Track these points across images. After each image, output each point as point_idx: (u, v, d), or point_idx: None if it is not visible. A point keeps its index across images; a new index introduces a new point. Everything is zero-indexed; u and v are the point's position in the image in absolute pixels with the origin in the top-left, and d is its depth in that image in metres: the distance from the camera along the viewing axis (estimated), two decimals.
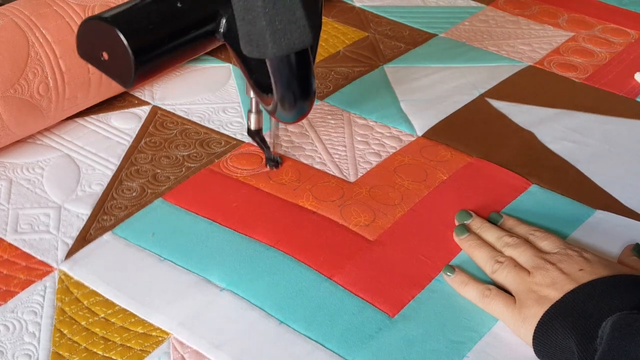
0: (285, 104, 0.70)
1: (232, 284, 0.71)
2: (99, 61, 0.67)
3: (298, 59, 0.67)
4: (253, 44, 0.64)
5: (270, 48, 0.63)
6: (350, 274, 0.72)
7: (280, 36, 0.63)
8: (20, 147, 0.87)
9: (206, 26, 0.70)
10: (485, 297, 0.69)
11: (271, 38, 0.63)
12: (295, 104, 0.70)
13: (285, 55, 0.65)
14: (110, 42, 0.65)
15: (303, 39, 0.64)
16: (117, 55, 0.65)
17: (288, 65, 0.67)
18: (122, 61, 0.65)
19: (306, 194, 0.81)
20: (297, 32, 0.63)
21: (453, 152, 0.88)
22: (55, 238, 0.76)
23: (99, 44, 0.66)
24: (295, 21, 0.62)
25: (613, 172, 0.86)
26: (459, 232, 0.75)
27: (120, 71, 0.66)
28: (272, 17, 0.62)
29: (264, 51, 0.64)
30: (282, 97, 0.69)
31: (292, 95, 0.69)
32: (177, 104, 0.95)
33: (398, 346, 0.66)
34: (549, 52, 1.08)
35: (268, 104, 0.73)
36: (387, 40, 1.10)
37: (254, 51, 0.64)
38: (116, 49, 0.65)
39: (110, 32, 0.64)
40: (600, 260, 0.69)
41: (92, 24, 0.66)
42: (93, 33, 0.66)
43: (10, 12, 0.84)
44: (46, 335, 0.67)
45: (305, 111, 0.72)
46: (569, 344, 0.62)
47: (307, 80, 0.69)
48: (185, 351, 0.66)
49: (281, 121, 0.75)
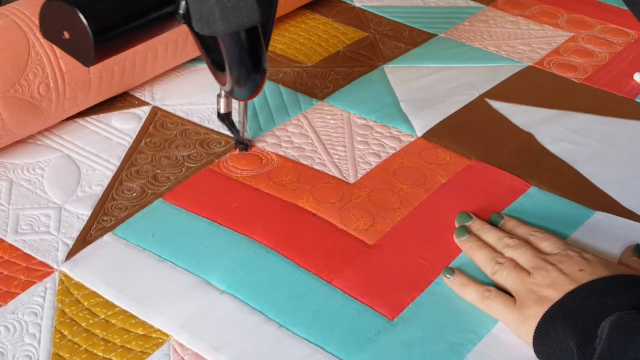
0: (235, 79, 0.73)
1: (232, 287, 0.71)
2: (61, 40, 0.69)
3: (248, 36, 0.69)
4: (203, 21, 0.67)
5: (219, 25, 0.66)
6: (350, 277, 0.72)
7: (229, 14, 0.66)
8: (20, 148, 0.87)
9: (165, 7, 0.71)
10: (485, 299, 0.69)
11: (220, 15, 0.66)
12: (247, 79, 0.73)
13: (236, 33, 0.68)
14: (70, 22, 0.67)
15: (251, 16, 0.67)
16: (77, 35, 0.67)
17: (239, 42, 0.69)
18: (82, 40, 0.67)
19: (306, 194, 0.81)
20: (246, 10, 0.66)
21: (452, 154, 0.88)
22: (55, 239, 0.76)
23: (61, 23, 0.68)
24: (244, 0, 0.66)
25: (612, 173, 0.86)
26: (459, 233, 0.76)
27: (81, 50, 0.68)
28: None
29: (213, 28, 0.67)
30: (235, 73, 0.72)
31: (245, 70, 0.72)
32: (177, 105, 0.95)
33: (398, 349, 0.66)
34: (549, 52, 1.08)
35: (224, 84, 0.75)
36: (387, 40, 1.10)
37: (204, 28, 0.67)
38: (76, 28, 0.67)
39: (71, 13, 0.66)
40: (600, 260, 0.69)
41: (54, 4, 0.68)
42: (55, 13, 0.68)
43: (10, 12, 0.84)
44: (46, 336, 0.67)
45: (257, 85, 0.74)
46: (568, 344, 0.62)
47: (257, 56, 0.72)
48: (185, 353, 0.66)
49: (238, 99, 0.78)
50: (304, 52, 1.06)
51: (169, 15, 0.72)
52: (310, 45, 1.08)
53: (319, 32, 1.11)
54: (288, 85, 0.99)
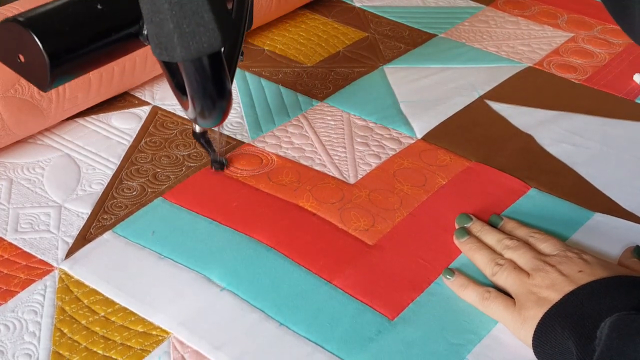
0: (199, 108, 0.69)
1: (232, 284, 0.71)
2: (16, 63, 0.66)
3: (210, 62, 0.66)
4: (162, 47, 0.63)
5: (178, 52, 0.62)
6: (350, 277, 0.72)
7: (188, 39, 0.62)
8: (20, 147, 0.87)
9: (128, 29, 0.68)
10: (484, 300, 0.69)
11: (179, 41, 0.62)
12: (213, 107, 0.70)
13: (197, 59, 0.64)
14: (26, 45, 0.64)
15: (212, 42, 0.62)
16: (33, 58, 0.64)
17: (200, 68, 0.66)
18: (38, 64, 0.64)
19: (306, 194, 0.81)
20: (206, 35, 0.62)
21: (452, 156, 0.88)
22: (55, 237, 0.76)
23: (16, 46, 0.65)
24: (204, 24, 0.61)
25: (612, 175, 0.86)
26: (459, 235, 0.76)
27: (37, 74, 0.65)
28: (179, 20, 0.61)
29: (172, 54, 0.63)
30: (196, 102, 0.69)
31: (209, 99, 0.69)
32: (177, 104, 0.95)
33: (397, 349, 0.66)
34: (549, 53, 1.08)
35: (186, 109, 0.72)
36: (387, 40, 1.10)
37: (163, 54, 0.63)
38: (32, 52, 0.63)
39: (26, 35, 0.63)
40: (600, 262, 0.69)
41: (9, 25, 0.64)
42: (9, 35, 0.65)
43: (10, 12, 0.84)
44: (46, 334, 0.67)
45: (222, 113, 0.71)
46: (568, 345, 0.62)
47: (221, 83, 0.68)
48: (185, 351, 0.66)
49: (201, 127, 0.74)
50: (304, 52, 1.07)
51: (132, 36, 0.69)
52: (310, 46, 1.08)
53: (319, 32, 1.11)
54: (288, 85, 0.99)
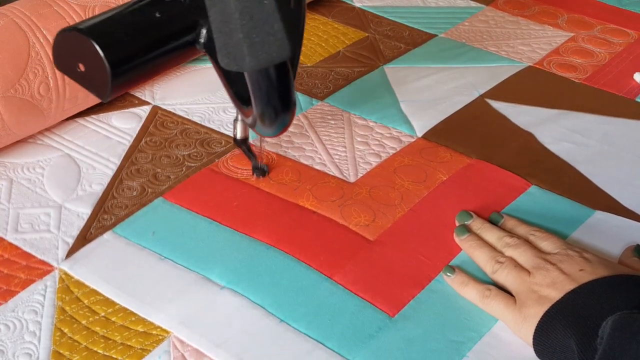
0: (265, 118, 0.69)
1: (232, 283, 0.71)
2: (76, 73, 0.66)
3: (277, 71, 0.65)
4: (230, 56, 0.62)
5: (247, 61, 0.61)
6: (351, 273, 0.72)
7: (258, 49, 0.61)
8: (20, 147, 0.87)
9: (185, 36, 0.68)
10: (485, 297, 0.69)
11: (248, 51, 0.61)
12: (275, 118, 0.69)
13: (264, 69, 0.64)
14: (86, 54, 0.63)
15: (281, 52, 0.62)
16: (93, 67, 0.64)
17: (267, 78, 0.65)
18: (98, 73, 0.64)
19: (306, 193, 0.81)
20: (275, 45, 0.61)
21: (453, 153, 0.88)
22: (55, 237, 0.76)
23: (76, 55, 0.65)
24: (274, 34, 0.61)
25: (613, 173, 0.86)
26: (459, 232, 0.76)
27: (97, 83, 0.65)
28: (249, 30, 0.60)
29: (241, 64, 0.62)
30: (261, 111, 0.68)
31: (272, 109, 0.68)
32: (178, 104, 0.95)
33: (398, 346, 0.66)
34: (549, 53, 1.08)
35: (248, 117, 0.71)
36: (387, 40, 1.10)
37: (231, 64, 0.63)
38: (92, 60, 0.63)
39: (87, 44, 0.63)
40: (601, 260, 0.69)
41: (68, 35, 0.64)
42: (69, 44, 0.65)
43: (10, 12, 0.84)
44: (47, 334, 0.67)
45: (286, 124, 0.70)
46: (569, 344, 0.62)
47: (287, 93, 0.68)
48: (185, 350, 0.66)
49: (261, 135, 0.73)
50: (304, 52, 1.06)
51: (189, 44, 0.69)
52: (310, 45, 1.08)
53: (319, 32, 1.11)
54: None
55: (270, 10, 0.60)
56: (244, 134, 0.82)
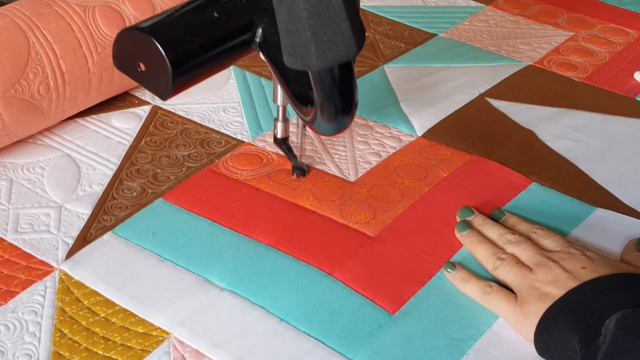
0: (326, 117, 0.68)
1: (232, 284, 0.71)
2: (136, 72, 0.66)
3: (341, 70, 0.65)
4: (297, 55, 0.61)
5: (314, 60, 0.61)
6: (351, 270, 0.72)
7: (325, 48, 0.60)
8: (20, 147, 0.87)
9: (242, 36, 0.69)
10: (486, 294, 0.69)
11: (316, 50, 0.60)
12: (336, 117, 0.68)
13: (329, 67, 0.63)
14: (147, 53, 0.64)
15: (348, 50, 0.61)
16: (154, 67, 0.64)
17: (331, 77, 0.65)
18: (159, 72, 0.64)
19: (306, 193, 0.81)
20: (342, 44, 0.61)
21: (453, 150, 0.88)
22: (55, 238, 0.76)
23: (136, 54, 0.65)
24: (341, 32, 0.60)
25: (613, 171, 0.86)
26: (460, 228, 0.75)
27: (158, 82, 0.65)
28: (317, 29, 0.60)
29: (307, 63, 0.61)
30: (323, 110, 0.68)
31: (334, 108, 0.67)
32: (178, 104, 0.95)
33: (398, 343, 0.66)
34: (549, 52, 1.08)
35: (307, 115, 0.71)
36: (387, 40, 1.10)
37: (297, 63, 0.62)
38: (153, 59, 0.64)
39: (148, 43, 0.64)
40: (603, 258, 0.69)
41: (129, 34, 0.65)
42: (130, 44, 0.66)
43: (10, 12, 0.84)
44: (47, 335, 0.67)
45: (345, 125, 0.70)
46: (571, 341, 0.62)
47: (350, 93, 0.67)
48: (185, 350, 0.66)
49: (319, 132, 0.73)
50: None
51: (246, 43, 0.69)
52: None
53: None
54: None
55: (337, 9, 0.60)
56: (284, 133, 0.82)
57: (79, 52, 0.85)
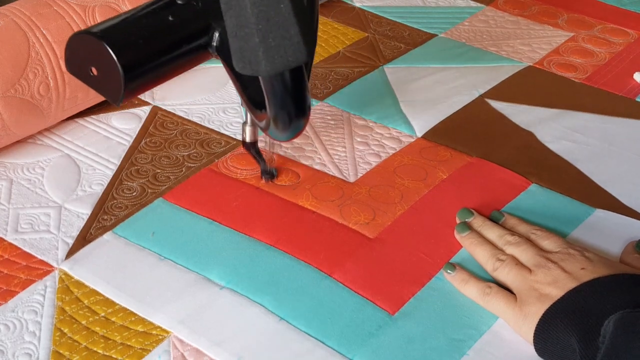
0: (279, 123, 0.68)
1: (232, 282, 0.71)
2: (88, 77, 0.65)
3: (292, 76, 0.65)
4: (245, 60, 0.61)
5: (263, 65, 0.61)
6: (351, 271, 0.72)
7: (274, 53, 0.60)
8: (20, 147, 0.87)
9: (198, 40, 0.68)
10: (486, 295, 0.69)
11: (264, 55, 0.60)
12: (289, 123, 0.68)
13: (279, 73, 0.63)
14: (99, 57, 0.63)
15: (297, 55, 0.61)
16: (106, 71, 0.63)
17: (282, 83, 0.65)
18: (111, 77, 0.63)
19: (306, 193, 0.81)
20: (292, 49, 0.60)
21: (453, 152, 0.88)
22: (55, 238, 0.76)
23: (88, 59, 0.64)
24: (290, 37, 0.60)
25: (613, 171, 0.86)
26: (460, 229, 0.75)
27: (110, 87, 0.64)
28: (265, 34, 0.59)
29: (256, 68, 0.61)
30: (275, 116, 0.68)
31: (286, 114, 0.67)
32: (177, 104, 0.95)
33: (398, 344, 0.66)
34: (549, 52, 1.08)
35: (261, 120, 0.71)
36: (387, 40, 1.10)
37: (246, 68, 0.62)
38: (105, 64, 0.63)
39: (99, 47, 0.63)
40: (602, 259, 0.69)
41: (81, 38, 0.64)
42: (82, 47, 0.65)
43: (10, 12, 0.84)
44: (46, 334, 0.67)
45: (300, 129, 0.70)
46: (570, 342, 0.62)
47: (302, 98, 0.67)
48: (185, 349, 0.66)
49: (274, 139, 0.73)
50: None
51: (202, 47, 0.68)
52: None
53: (319, 32, 1.11)
54: None
55: (286, 14, 0.59)
56: (253, 137, 0.82)
57: None
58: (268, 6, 0.59)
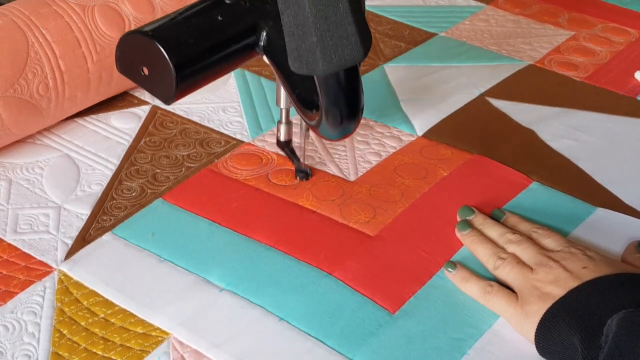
0: (331, 122, 0.68)
1: (231, 284, 0.71)
2: (139, 76, 0.66)
3: (347, 75, 0.64)
4: (302, 60, 0.61)
5: (320, 65, 0.60)
6: (351, 269, 0.72)
7: (331, 52, 0.60)
8: (19, 147, 0.87)
9: (246, 39, 0.68)
10: (487, 294, 0.68)
11: (322, 54, 0.60)
12: (341, 123, 0.68)
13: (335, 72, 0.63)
14: (150, 57, 0.64)
15: (354, 55, 0.61)
16: (157, 71, 0.64)
17: (337, 82, 0.64)
18: (163, 76, 0.64)
19: (306, 193, 0.81)
20: (349, 48, 0.60)
21: (453, 150, 0.88)
22: (54, 238, 0.76)
23: (140, 58, 0.65)
24: (347, 37, 0.60)
25: (614, 170, 0.86)
26: (461, 227, 0.75)
27: (161, 86, 0.65)
28: (323, 33, 0.59)
29: (313, 68, 0.61)
30: (328, 115, 0.67)
31: (339, 113, 0.67)
32: (177, 104, 0.95)
33: (398, 343, 0.66)
34: (550, 51, 1.08)
35: (312, 120, 0.70)
36: (387, 39, 1.10)
37: (302, 67, 0.62)
38: (157, 63, 0.63)
39: (151, 47, 0.63)
40: (604, 258, 0.68)
41: (133, 38, 0.65)
42: (133, 47, 0.65)
43: (9, 11, 0.84)
44: (46, 335, 0.67)
45: (350, 130, 0.70)
46: (572, 341, 0.62)
47: (356, 98, 0.67)
48: (185, 351, 0.65)
49: (323, 137, 0.73)
50: None
51: (250, 47, 0.68)
52: None
53: None
54: None
55: (344, 13, 0.59)
56: (287, 136, 0.82)
57: (78, 51, 0.85)
58: (326, 5, 0.59)
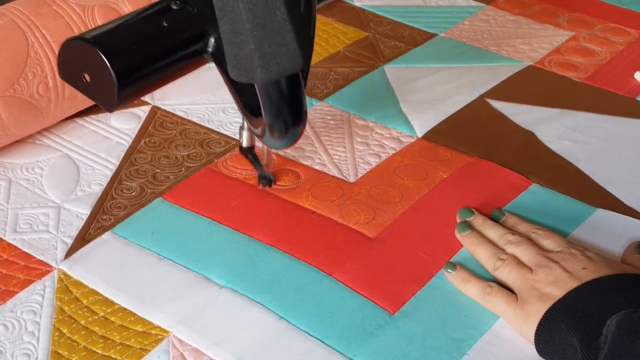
0: (275, 131, 0.68)
1: (231, 282, 0.71)
2: (81, 83, 0.64)
3: (288, 83, 0.64)
4: (241, 68, 0.61)
5: (258, 73, 0.60)
6: (351, 270, 0.72)
7: (269, 60, 0.60)
8: (19, 147, 0.87)
9: (193, 46, 0.67)
10: (486, 295, 0.68)
11: (260, 62, 0.60)
12: (286, 131, 0.68)
13: (275, 80, 0.63)
14: (92, 64, 0.62)
15: (293, 63, 0.60)
16: (99, 78, 0.63)
17: (278, 90, 0.64)
18: (104, 84, 0.62)
19: (305, 193, 0.81)
20: (287, 56, 0.60)
21: (453, 152, 0.88)
22: (54, 237, 0.76)
23: (81, 65, 0.64)
24: (286, 44, 0.60)
25: (614, 171, 0.86)
26: (461, 229, 0.75)
27: (103, 94, 0.63)
28: (260, 41, 0.59)
29: (252, 76, 0.61)
30: (271, 124, 0.67)
31: (283, 122, 0.67)
32: (177, 104, 0.95)
33: (398, 343, 0.66)
34: (549, 52, 1.08)
35: (257, 127, 0.70)
36: (387, 40, 1.10)
37: (241, 75, 0.61)
38: (99, 71, 0.62)
39: (92, 53, 0.62)
40: (604, 259, 0.68)
41: (74, 44, 0.63)
42: (75, 54, 0.64)
43: (9, 11, 0.84)
44: (45, 334, 0.67)
45: (297, 136, 0.69)
46: (571, 341, 0.62)
47: (299, 106, 0.67)
48: (184, 349, 0.65)
49: (270, 147, 0.72)
50: None
51: (197, 53, 0.68)
52: None
53: (319, 32, 1.11)
54: None
55: (282, 20, 0.59)
56: (250, 142, 0.81)
57: None
58: (263, 12, 0.58)
